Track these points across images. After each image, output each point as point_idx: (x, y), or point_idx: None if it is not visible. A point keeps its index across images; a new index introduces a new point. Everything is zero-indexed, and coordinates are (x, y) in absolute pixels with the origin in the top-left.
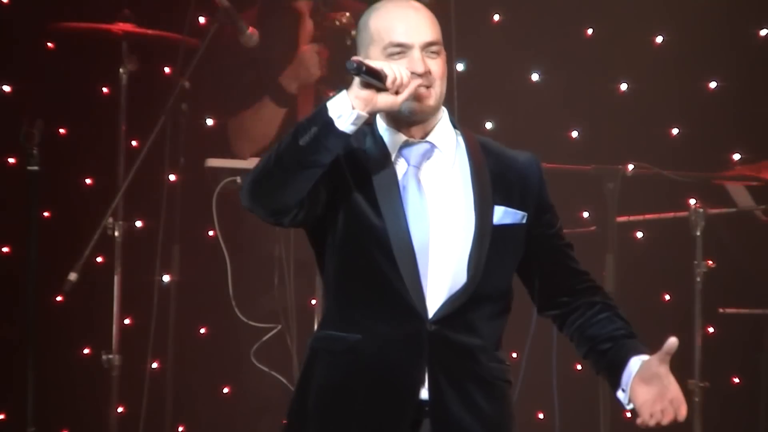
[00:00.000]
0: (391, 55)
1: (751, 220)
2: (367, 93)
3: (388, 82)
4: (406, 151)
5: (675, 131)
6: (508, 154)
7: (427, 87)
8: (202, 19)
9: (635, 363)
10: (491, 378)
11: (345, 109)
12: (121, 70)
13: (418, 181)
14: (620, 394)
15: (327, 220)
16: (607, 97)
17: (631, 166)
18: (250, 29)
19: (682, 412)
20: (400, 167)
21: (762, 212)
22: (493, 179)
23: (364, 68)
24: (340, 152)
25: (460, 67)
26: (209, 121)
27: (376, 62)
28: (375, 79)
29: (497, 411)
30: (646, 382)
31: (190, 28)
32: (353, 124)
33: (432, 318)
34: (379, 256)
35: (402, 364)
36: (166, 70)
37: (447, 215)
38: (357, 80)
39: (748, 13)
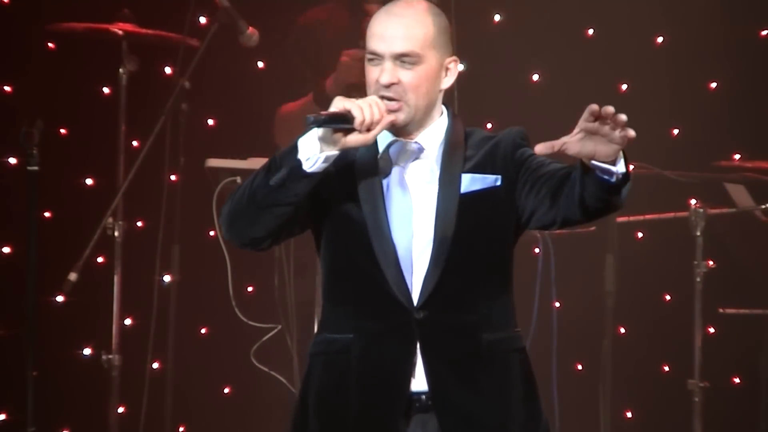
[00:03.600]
0: (370, 61)
1: (751, 220)
2: (336, 135)
3: (356, 124)
4: (393, 151)
5: (675, 131)
6: (488, 135)
7: (396, 99)
8: (202, 19)
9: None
10: (489, 352)
11: (313, 152)
12: (121, 70)
13: (402, 180)
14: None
15: (318, 223)
16: (608, 97)
17: (631, 166)
18: (250, 29)
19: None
20: (386, 166)
21: (762, 212)
22: (467, 158)
23: (322, 119)
24: (311, 186)
25: (460, 67)
26: (209, 121)
27: (343, 103)
28: (342, 123)
29: (498, 384)
30: (587, 144)
31: (190, 28)
32: (324, 162)
33: (418, 304)
34: (361, 254)
35: (393, 358)
36: (167, 70)
37: (432, 211)
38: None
39: (748, 13)
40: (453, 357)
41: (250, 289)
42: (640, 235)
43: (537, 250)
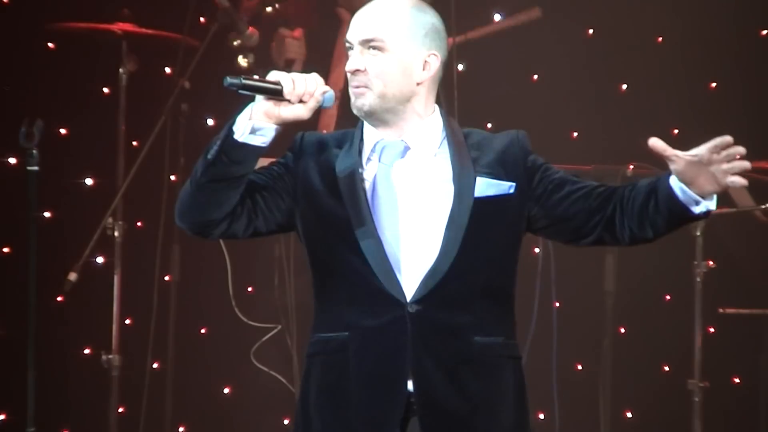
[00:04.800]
0: (348, 50)
1: (751, 220)
2: (266, 105)
3: (285, 93)
4: (379, 149)
5: (674, 131)
6: (490, 138)
7: (364, 86)
8: (202, 19)
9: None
10: (480, 355)
11: (243, 122)
12: (121, 70)
13: (388, 179)
14: (685, 195)
15: (302, 224)
16: (607, 97)
17: (631, 166)
18: (250, 29)
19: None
20: (372, 165)
21: (762, 212)
22: (474, 159)
23: (242, 83)
24: (252, 163)
25: (460, 67)
26: (209, 121)
27: (275, 74)
28: (270, 93)
29: (486, 389)
30: (692, 168)
31: (190, 28)
32: (257, 135)
33: (412, 299)
34: (350, 252)
35: (388, 352)
36: (166, 70)
37: (421, 204)
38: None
39: (748, 13)
40: (443, 355)
41: (250, 289)
42: None
43: (537, 250)
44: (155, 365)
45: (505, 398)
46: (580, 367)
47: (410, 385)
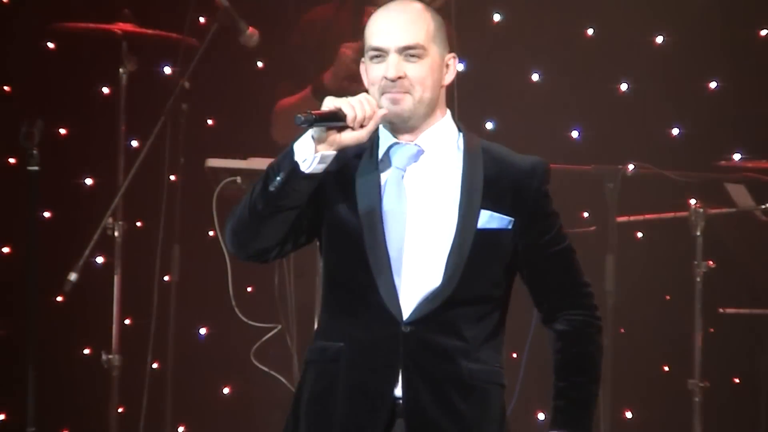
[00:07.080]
0: (372, 59)
1: (751, 220)
2: (328, 135)
3: (348, 121)
4: (392, 153)
5: (675, 131)
6: (510, 159)
7: (404, 92)
8: (202, 19)
9: None
10: (470, 380)
11: (308, 153)
12: (121, 70)
13: (400, 184)
14: None
15: (324, 235)
16: (607, 97)
17: (631, 166)
18: (250, 29)
19: None
20: (385, 170)
21: (762, 212)
22: (486, 184)
23: (313, 118)
24: (312, 188)
25: (460, 67)
26: (209, 121)
27: (334, 102)
28: (334, 121)
29: (476, 413)
30: None
31: (190, 28)
32: (321, 163)
33: (407, 320)
34: (355, 261)
35: (377, 367)
36: (166, 70)
37: (427, 219)
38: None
39: (748, 13)
40: (433, 376)
41: (250, 289)
42: (640, 235)
43: None
44: (155, 365)
45: (492, 424)
46: None
47: (395, 403)
